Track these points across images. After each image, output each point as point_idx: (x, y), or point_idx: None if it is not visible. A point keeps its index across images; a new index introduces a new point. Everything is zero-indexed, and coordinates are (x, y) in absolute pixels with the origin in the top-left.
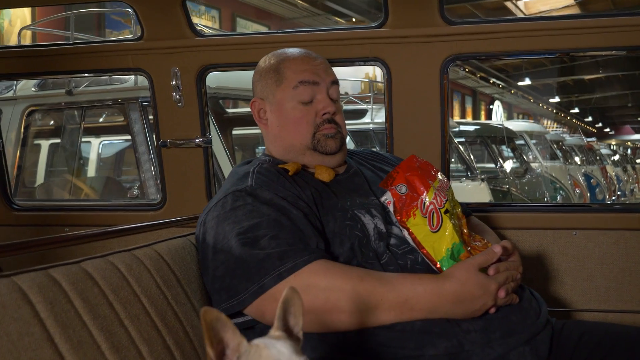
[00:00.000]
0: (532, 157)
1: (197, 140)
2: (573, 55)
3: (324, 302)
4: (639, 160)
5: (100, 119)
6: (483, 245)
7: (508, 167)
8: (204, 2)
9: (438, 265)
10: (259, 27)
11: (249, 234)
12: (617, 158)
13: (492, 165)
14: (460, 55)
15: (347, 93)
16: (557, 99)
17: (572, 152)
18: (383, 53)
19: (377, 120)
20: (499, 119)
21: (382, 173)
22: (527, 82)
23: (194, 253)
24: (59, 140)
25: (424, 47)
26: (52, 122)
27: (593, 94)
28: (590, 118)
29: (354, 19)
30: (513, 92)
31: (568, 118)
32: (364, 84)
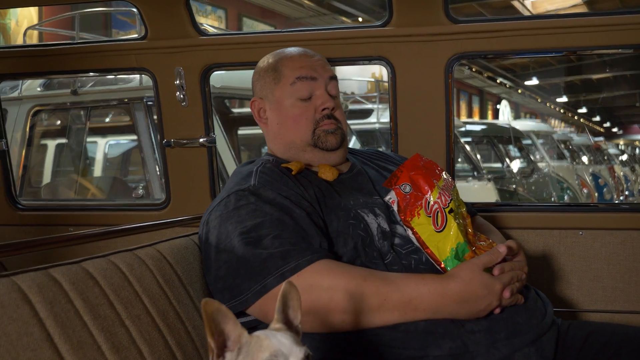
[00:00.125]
0: (539, 156)
1: (201, 140)
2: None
3: (327, 302)
4: None
5: (107, 119)
6: (488, 245)
7: (515, 166)
8: (210, 2)
9: (442, 265)
10: (265, 27)
11: (252, 234)
12: (625, 158)
13: (499, 165)
14: (465, 54)
15: (353, 93)
16: (564, 99)
17: (579, 151)
18: (387, 52)
19: (382, 120)
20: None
21: (386, 172)
22: (534, 81)
23: (197, 253)
24: (66, 141)
25: (429, 45)
26: (58, 122)
27: (601, 94)
28: (598, 118)
29: (360, 19)
30: (520, 91)
31: (575, 118)
32: (370, 84)
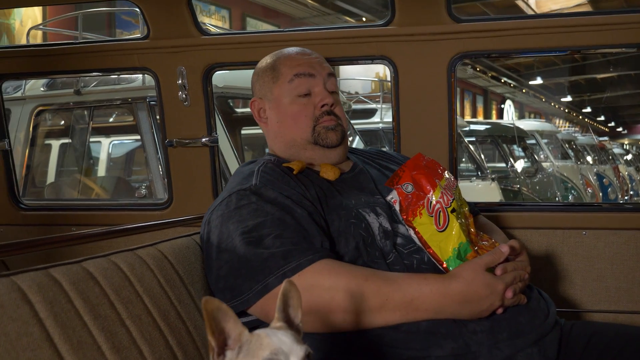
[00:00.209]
0: (543, 156)
1: (203, 140)
2: (585, 54)
3: (328, 301)
4: None
5: (111, 119)
6: (490, 245)
7: (519, 166)
8: (214, 1)
9: (444, 265)
10: (269, 27)
11: (253, 233)
12: (629, 157)
13: (503, 165)
14: (468, 53)
15: (357, 93)
16: (569, 98)
17: (584, 151)
18: (390, 51)
19: (386, 120)
20: (510, 119)
21: (388, 172)
22: (538, 81)
23: (199, 253)
24: (70, 140)
25: (431, 45)
26: (62, 122)
27: (605, 93)
28: (603, 117)
29: (364, 19)
30: (525, 91)
31: (580, 117)
32: (375, 84)
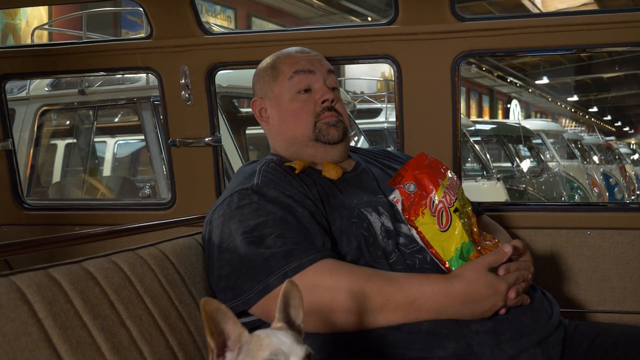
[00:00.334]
0: (549, 156)
1: (206, 139)
2: (591, 54)
3: (330, 301)
4: None
5: (116, 119)
6: (493, 245)
7: (525, 166)
8: (219, 1)
9: (447, 265)
10: (275, 26)
11: (255, 233)
12: (636, 157)
13: (508, 165)
14: (472, 52)
15: (362, 92)
16: (575, 98)
17: (590, 151)
18: (393, 50)
19: (391, 120)
20: (516, 118)
21: (391, 171)
22: (545, 80)
23: (200, 252)
24: (75, 140)
25: (435, 44)
26: (68, 122)
27: (612, 93)
28: (609, 117)
29: (370, 18)
30: (531, 90)
31: (587, 117)
32: (380, 84)
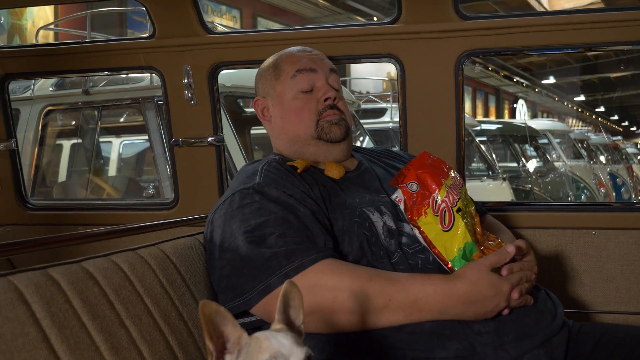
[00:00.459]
0: (555, 156)
1: (209, 139)
2: (598, 53)
3: (331, 302)
4: None
5: (121, 119)
6: (497, 245)
7: (531, 166)
8: (225, 1)
9: (449, 265)
10: (280, 27)
11: (256, 233)
12: None
13: (514, 165)
14: (476, 51)
15: (368, 92)
16: (582, 97)
17: (597, 150)
18: (396, 49)
19: (396, 119)
20: (523, 118)
21: (394, 170)
22: (551, 80)
23: (202, 252)
24: (80, 140)
25: (438, 42)
26: (73, 122)
27: (619, 92)
28: (617, 116)
29: (375, 18)
30: (537, 90)
31: (593, 116)
32: (385, 84)
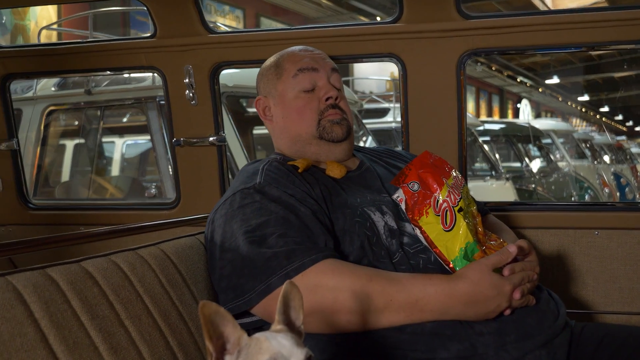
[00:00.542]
0: (559, 156)
1: (210, 139)
2: (602, 53)
3: (332, 302)
4: None
5: (124, 119)
6: (499, 245)
7: (535, 166)
8: (228, 1)
9: (451, 265)
10: (283, 26)
11: (257, 232)
12: None
13: (518, 165)
14: (478, 50)
15: (371, 92)
16: (586, 97)
17: (600, 150)
18: (398, 49)
19: (399, 119)
20: (526, 118)
21: (395, 170)
22: (555, 80)
23: (202, 252)
24: (83, 140)
25: (440, 42)
26: (76, 122)
27: (623, 92)
28: (621, 116)
29: (379, 18)
30: (541, 90)
31: (597, 116)
32: (389, 83)
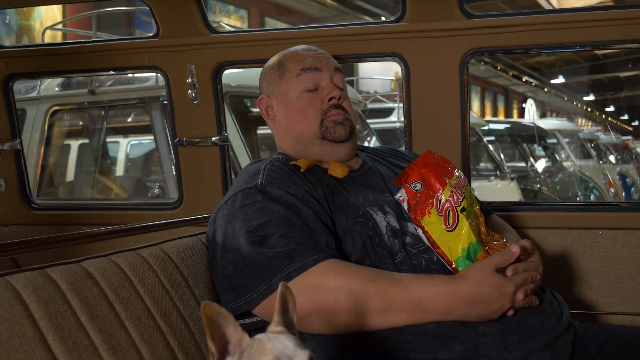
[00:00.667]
0: (564, 155)
1: (213, 139)
2: (607, 53)
3: (334, 302)
4: None
5: (129, 119)
6: (502, 245)
7: (540, 166)
8: (232, 1)
9: (453, 266)
10: (287, 26)
11: (258, 233)
12: None
13: (523, 164)
14: (481, 50)
15: (376, 92)
16: (591, 97)
17: (606, 150)
18: (401, 48)
19: (404, 119)
20: (532, 117)
21: (398, 169)
22: (560, 79)
23: (204, 252)
24: (87, 141)
25: (443, 41)
26: (80, 122)
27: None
28: (626, 116)
29: (383, 17)
30: (546, 90)
31: (603, 116)
32: (393, 83)
